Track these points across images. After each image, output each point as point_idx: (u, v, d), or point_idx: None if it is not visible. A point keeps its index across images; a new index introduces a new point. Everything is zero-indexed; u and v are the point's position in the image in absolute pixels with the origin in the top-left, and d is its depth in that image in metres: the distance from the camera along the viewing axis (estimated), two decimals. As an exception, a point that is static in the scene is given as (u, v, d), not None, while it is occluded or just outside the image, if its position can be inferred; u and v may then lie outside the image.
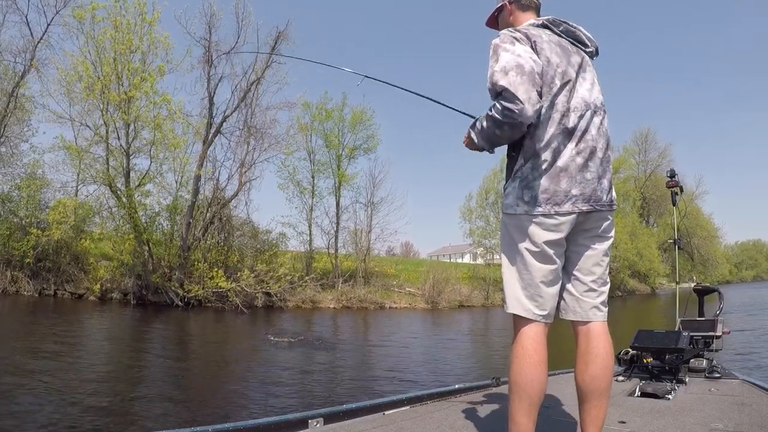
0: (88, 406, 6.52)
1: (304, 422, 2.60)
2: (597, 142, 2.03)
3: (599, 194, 2.01)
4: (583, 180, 1.97)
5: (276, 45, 25.45)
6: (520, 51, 1.96)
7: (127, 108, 21.26)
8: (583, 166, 1.98)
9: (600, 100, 2.12)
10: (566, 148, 1.97)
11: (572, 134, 1.99)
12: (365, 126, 32.07)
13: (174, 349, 12.26)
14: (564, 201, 1.94)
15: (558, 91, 2.01)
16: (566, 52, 2.09)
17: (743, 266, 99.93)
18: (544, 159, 1.96)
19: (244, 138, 25.31)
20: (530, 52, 1.98)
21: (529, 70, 1.91)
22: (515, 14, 2.28)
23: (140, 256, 22.04)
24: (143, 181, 22.96)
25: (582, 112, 2.02)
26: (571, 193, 1.95)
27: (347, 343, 14.68)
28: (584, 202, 1.97)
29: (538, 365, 1.94)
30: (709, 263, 58.06)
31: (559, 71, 2.03)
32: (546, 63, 2.01)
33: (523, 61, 1.92)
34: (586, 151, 1.99)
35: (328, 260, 30.34)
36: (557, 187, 1.94)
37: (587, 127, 2.02)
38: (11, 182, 22.69)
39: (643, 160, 59.32)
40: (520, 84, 1.87)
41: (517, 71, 1.89)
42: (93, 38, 21.24)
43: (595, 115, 2.06)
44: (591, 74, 2.15)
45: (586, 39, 2.21)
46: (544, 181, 1.95)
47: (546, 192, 1.95)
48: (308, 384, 8.71)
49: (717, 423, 2.70)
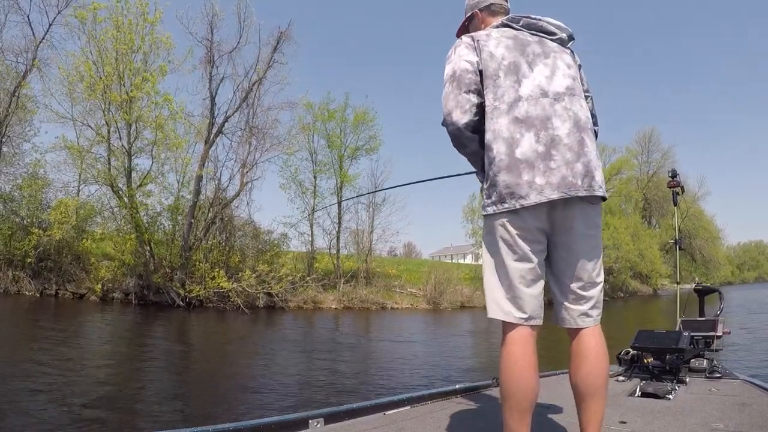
0: (89, 406, 6.53)
1: (305, 422, 2.59)
2: (559, 130, 1.91)
3: (571, 180, 1.87)
4: (547, 169, 1.86)
5: (278, 45, 25.50)
6: (454, 58, 2.03)
7: (128, 108, 21.30)
8: (546, 155, 1.87)
9: (564, 85, 2.00)
10: (523, 138, 1.89)
11: (527, 123, 1.90)
12: (368, 126, 32.10)
13: (175, 349, 12.26)
14: (529, 192, 1.85)
15: (503, 82, 1.97)
16: (520, 44, 2.05)
17: (745, 267, 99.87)
18: (497, 151, 1.90)
19: (245, 138, 25.33)
20: (465, 54, 2.02)
21: (459, 74, 1.97)
22: (486, 20, 2.29)
23: (142, 256, 22.07)
24: (145, 181, 22.99)
25: (536, 99, 1.94)
26: (534, 183, 1.85)
27: (348, 344, 14.68)
28: (553, 190, 1.85)
29: (525, 370, 1.87)
30: (711, 264, 57.94)
31: (505, 63, 1.99)
32: (488, 57, 2.00)
33: (453, 67, 2.00)
34: (546, 139, 1.89)
35: (329, 261, 30.35)
36: (518, 180, 1.86)
37: (545, 115, 1.92)
38: (13, 182, 22.78)
39: (646, 161, 59.26)
40: (449, 93, 1.97)
41: (449, 80, 1.99)
42: (95, 38, 21.31)
43: (557, 102, 1.95)
44: (555, 61, 2.06)
45: (553, 28, 2.15)
46: (504, 175, 1.88)
47: (508, 186, 1.87)
48: (309, 384, 8.70)
49: (718, 423, 2.69)
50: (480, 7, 2.30)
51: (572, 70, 2.09)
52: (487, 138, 1.94)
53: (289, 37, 25.79)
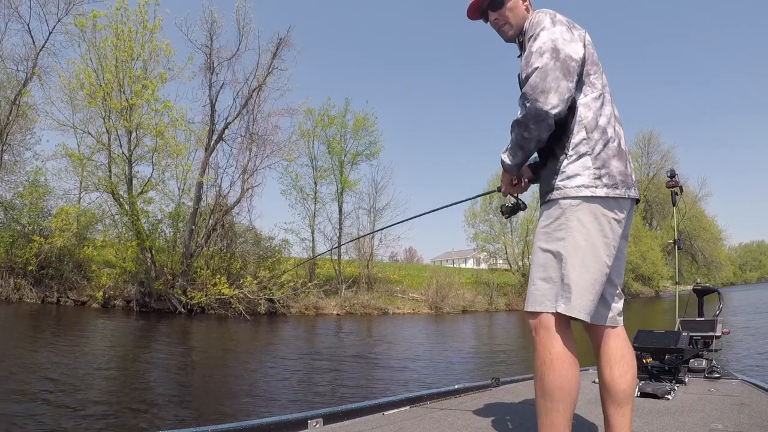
0: (90, 412, 6.52)
1: (304, 422, 2.60)
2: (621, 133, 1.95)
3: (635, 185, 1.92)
4: (631, 167, 1.89)
5: (277, 51, 25.56)
6: (556, 33, 1.84)
7: (128, 115, 21.36)
8: (625, 154, 1.90)
9: None
10: (621, 132, 1.90)
11: (619, 120, 1.92)
12: (368, 132, 32.14)
13: (176, 355, 12.25)
14: (632, 184, 1.85)
15: (599, 77, 1.93)
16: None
17: (747, 268, 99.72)
18: (611, 136, 1.84)
19: (246, 145, 25.39)
20: (568, 36, 1.85)
21: (564, 57, 1.80)
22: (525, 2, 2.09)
23: (143, 264, 22.07)
24: (145, 188, 23.04)
25: (612, 104, 1.94)
26: (631, 177, 1.85)
27: (349, 348, 14.66)
28: (635, 191, 1.88)
29: (576, 365, 1.79)
30: (713, 265, 57.84)
31: (595, 57, 1.94)
32: (590, 44, 1.93)
33: (558, 45, 1.81)
34: (620, 138, 1.91)
35: (331, 266, 30.35)
36: (626, 170, 1.83)
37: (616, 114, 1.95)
38: (14, 190, 22.81)
39: (646, 162, 59.19)
40: (550, 71, 1.77)
41: (553, 57, 1.79)
42: (95, 46, 21.40)
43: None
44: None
45: None
46: (616, 162, 1.82)
47: (622, 174, 1.81)
48: (308, 384, 8.70)
49: (717, 423, 2.69)
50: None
51: None
52: (602, 121, 1.84)
53: (288, 44, 25.88)
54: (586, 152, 1.81)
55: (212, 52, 24.72)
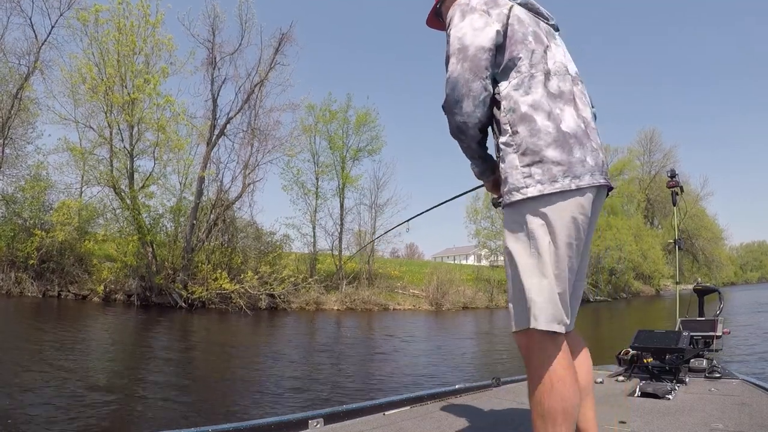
0: (90, 407, 6.54)
1: (305, 422, 2.60)
2: (585, 112, 1.72)
3: (604, 168, 1.68)
4: (592, 149, 1.64)
5: (279, 47, 25.54)
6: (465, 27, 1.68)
7: (130, 110, 21.38)
8: (586, 134, 1.65)
9: (576, 68, 1.83)
10: (564, 112, 1.63)
11: (563, 98, 1.66)
12: (370, 127, 32.12)
13: (177, 350, 12.27)
14: (583, 173, 1.58)
15: (535, 47, 1.70)
16: (532, 18, 1.79)
17: (748, 268, 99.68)
18: (542, 123, 1.60)
19: (247, 140, 25.38)
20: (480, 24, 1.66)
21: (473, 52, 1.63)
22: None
23: (144, 258, 22.11)
24: (147, 182, 23.06)
25: (563, 75, 1.71)
26: (586, 161, 1.60)
27: (349, 344, 14.68)
28: (599, 173, 1.63)
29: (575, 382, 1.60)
30: (713, 265, 57.82)
31: (530, 29, 1.72)
32: (515, 20, 1.71)
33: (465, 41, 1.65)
34: (581, 118, 1.68)
35: (331, 262, 30.36)
36: (570, 157, 1.58)
37: (573, 94, 1.70)
38: (16, 184, 22.86)
39: (648, 161, 59.22)
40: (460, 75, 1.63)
41: (459, 57, 1.65)
42: (97, 40, 21.44)
43: (575, 84, 1.75)
44: (560, 41, 1.86)
45: (546, 12, 1.89)
46: (552, 150, 1.58)
47: (559, 163, 1.57)
48: (309, 384, 8.71)
49: (717, 423, 2.70)
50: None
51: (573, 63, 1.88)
52: (524, 109, 1.62)
53: (290, 39, 25.86)
54: (511, 150, 1.64)
55: (214, 47, 24.73)
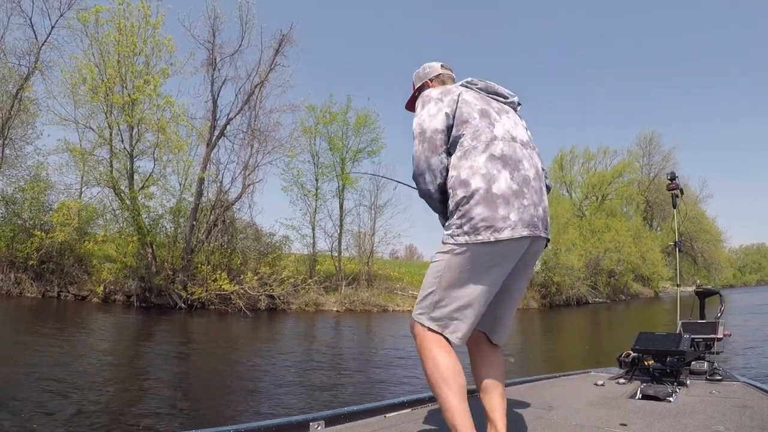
0: (89, 408, 6.54)
1: (305, 425, 2.60)
2: (528, 171, 2.04)
3: (536, 221, 1.99)
4: (521, 206, 1.96)
5: (280, 48, 25.55)
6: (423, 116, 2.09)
7: (130, 110, 21.39)
8: (519, 193, 1.97)
9: (527, 137, 2.19)
10: (500, 175, 1.96)
11: (503, 161, 1.99)
12: (370, 129, 32.05)
13: (177, 351, 12.26)
14: (504, 227, 1.90)
15: (479, 123, 2.06)
16: (484, 99, 2.19)
17: (747, 270, 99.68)
18: (476, 186, 1.93)
19: (247, 141, 25.33)
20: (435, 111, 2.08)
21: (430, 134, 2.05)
22: None
23: (143, 259, 22.10)
24: (147, 183, 23.05)
25: (509, 141, 2.06)
26: (509, 218, 1.92)
27: (350, 346, 14.69)
28: (523, 227, 1.94)
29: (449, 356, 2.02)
30: (713, 267, 57.78)
31: (478, 107, 2.11)
32: (463, 103, 2.10)
33: (423, 126, 2.07)
34: (519, 178, 1.99)
35: (331, 263, 30.34)
36: (495, 214, 1.91)
37: (518, 156, 2.04)
38: (15, 184, 22.79)
39: (647, 163, 59.13)
40: (420, 154, 2.06)
41: (420, 139, 2.06)
42: (97, 41, 21.42)
43: (524, 148, 2.11)
44: (515, 117, 2.23)
45: (506, 93, 2.30)
46: (480, 208, 1.91)
47: (484, 220, 1.90)
48: (309, 386, 8.70)
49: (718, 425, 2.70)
50: (431, 77, 2.44)
51: (527, 132, 2.24)
52: (464, 175, 1.97)
53: (291, 40, 25.85)
54: (452, 207, 1.99)
55: (215, 48, 24.69)
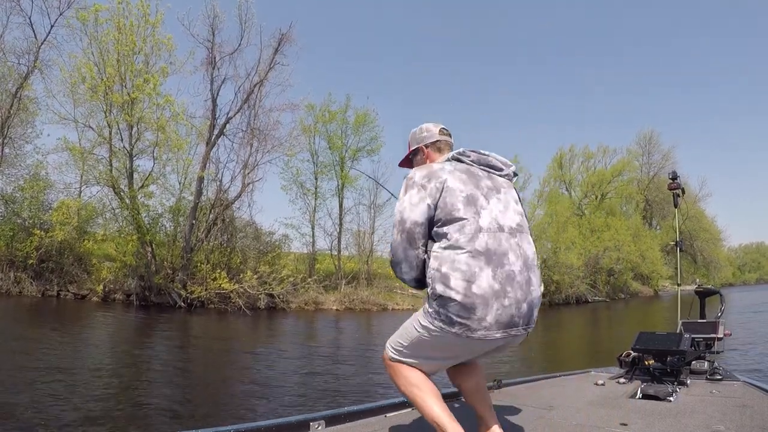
0: (89, 408, 6.53)
1: (306, 425, 2.59)
2: (514, 265, 1.97)
3: (516, 320, 1.96)
4: (501, 307, 1.91)
5: (279, 47, 25.53)
6: (405, 203, 2.07)
7: (130, 109, 21.38)
8: (501, 292, 1.92)
9: (516, 221, 2.10)
10: (482, 273, 1.91)
11: (486, 257, 1.93)
12: (369, 128, 32.10)
13: (176, 350, 12.27)
14: (477, 329, 1.90)
15: (463, 214, 1.99)
16: (474, 178, 2.11)
17: (746, 269, 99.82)
18: (455, 284, 1.90)
19: (247, 140, 25.34)
20: (417, 200, 2.04)
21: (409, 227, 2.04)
22: (431, 157, 2.35)
23: (143, 258, 22.11)
24: (146, 182, 23.05)
25: (494, 232, 1.99)
26: (485, 320, 1.90)
27: (350, 345, 14.69)
28: (498, 329, 1.93)
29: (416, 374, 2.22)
30: (712, 266, 57.89)
31: (463, 195, 2.02)
32: (447, 193, 2.02)
33: (404, 216, 2.06)
34: (502, 276, 1.93)
35: (330, 262, 30.35)
36: (471, 315, 1.89)
37: (503, 250, 1.97)
38: (15, 183, 22.77)
39: (647, 162, 59.22)
40: (399, 244, 2.09)
41: (399, 230, 2.08)
42: (96, 40, 21.39)
43: (512, 237, 2.03)
44: (506, 196, 2.14)
45: (500, 164, 2.24)
46: (457, 307, 1.90)
47: (460, 317, 1.90)
48: (309, 386, 8.70)
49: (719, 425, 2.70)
50: (426, 143, 2.37)
51: (519, 206, 2.19)
52: (444, 269, 1.93)
53: (290, 39, 25.83)
54: (431, 296, 2.01)
55: (214, 47, 24.68)
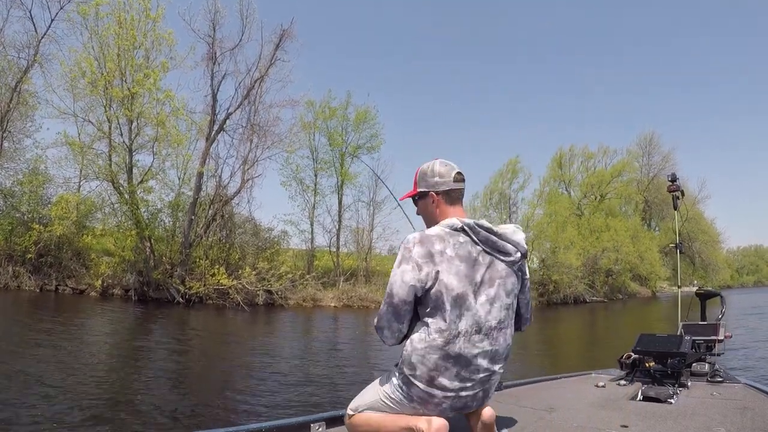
0: (86, 404, 6.51)
1: (306, 426, 2.58)
2: (480, 365, 2.04)
3: (470, 404, 2.09)
4: (458, 398, 2.04)
5: (280, 43, 25.51)
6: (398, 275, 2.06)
7: (130, 104, 21.36)
8: (461, 388, 2.03)
9: (498, 318, 2.08)
10: (447, 371, 2.00)
11: (456, 360, 2.00)
12: (369, 125, 32.09)
13: (174, 346, 12.26)
14: (434, 410, 2.04)
15: (448, 316, 2.00)
16: (471, 268, 2.05)
17: (744, 271, 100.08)
18: (421, 372, 2.01)
19: (247, 135, 25.37)
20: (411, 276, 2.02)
21: (397, 302, 2.05)
22: (442, 207, 2.23)
23: (142, 253, 22.12)
24: (146, 177, 23.07)
25: (470, 336, 2.02)
26: (442, 406, 2.04)
27: (348, 343, 14.70)
28: (452, 411, 2.07)
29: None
30: (710, 268, 57.89)
31: (453, 294, 2.01)
32: (440, 286, 2.01)
33: (395, 290, 2.05)
34: (466, 375, 2.03)
35: (329, 259, 30.35)
36: (431, 400, 2.03)
37: (473, 354, 2.02)
38: (14, 177, 22.81)
39: (647, 163, 59.17)
40: (384, 314, 2.10)
41: (388, 302, 2.08)
42: (97, 34, 21.38)
43: (487, 338, 2.05)
44: (498, 290, 2.09)
45: (511, 247, 2.13)
46: (418, 390, 2.03)
47: (420, 398, 2.03)
48: (309, 385, 8.68)
49: (719, 427, 2.70)
50: (438, 190, 2.22)
51: (510, 298, 2.13)
52: (414, 359, 2.02)
53: (291, 35, 25.84)
54: (400, 367, 2.09)
55: (215, 43, 24.72)
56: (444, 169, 2.23)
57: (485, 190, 39.29)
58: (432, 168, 2.25)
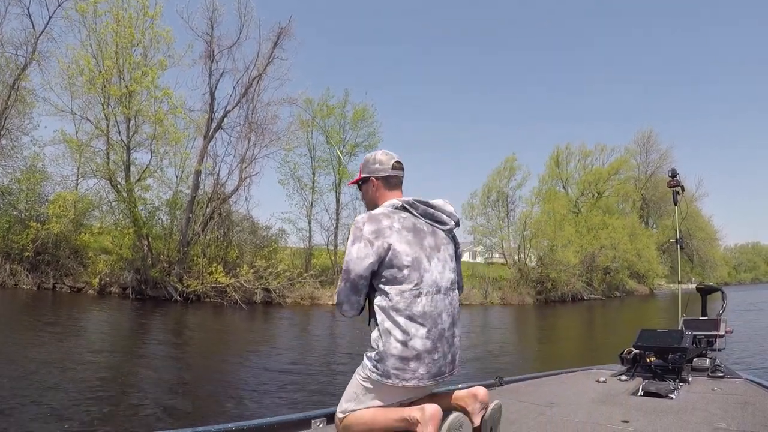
0: (84, 403, 6.50)
1: (307, 422, 2.59)
2: (445, 323, 2.22)
3: (443, 369, 2.21)
4: (431, 361, 2.16)
5: (278, 41, 25.46)
6: (353, 254, 2.19)
7: (128, 102, 21.29)
8: (432, 349, 2.16)
9: (450, 279, 2.31)
10: (418, 333, 2.14)
11: (423, 319, 2.15)
12: (367, 123, 32.08)
13: (173, 345, 12.25)
14: (411, 378, 2.13)
15: (408, 277, 2.17)
16: (419, 237, 2.25)
17: (741, 268, 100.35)
18: (393, 340, 2.13)
19: (244, 133, 25.29)
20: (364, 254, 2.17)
21: (354, 278, 2.18)
22: (381, 191, 2.40)
23: (139, 251, 22.07)
24: (143, 175, 23.01)
25: (432, 295, 2.20)
26: (418, 372, 2.14)
27: (347, 341, 14.70)
28: (429, 378, 2.17)
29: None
30: (708, 265, 58.08)
31: (408, 259, 2.18)
32: (393, 255, 2.17)
33: (351, 266, 2.19)
34: (435, 335, 2.17)
35: (327, 257, 30.33)
36: (406, 367, 2.13)
37: (437, 311, 2.20)
38: (11, 175, 22.70)
39: (644, 161, 59.26)
40: (342, 290, 2.22)
41: (345, 279, 2.21)
42: (95, 32, 21.30)
43: (446, 297, 2.25)
44: (445, 254, 2.31)
45: (446, 217, 2.36)
46: (394, 360, 2.12)
47: (396, 369, 2.13)
48: (309, 382, 8.69)
49: (720, 422, 2.70)
50: (377, 176, 2.40)
51: (453, 262, 2.38)
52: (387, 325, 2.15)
53: (289, 33, 25.77)
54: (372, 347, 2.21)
55: (213, 40, 24.65)
56: (385, 157, 2.42)
57: (483, 188, 39.31)
58: (374, 156, 2.44)
